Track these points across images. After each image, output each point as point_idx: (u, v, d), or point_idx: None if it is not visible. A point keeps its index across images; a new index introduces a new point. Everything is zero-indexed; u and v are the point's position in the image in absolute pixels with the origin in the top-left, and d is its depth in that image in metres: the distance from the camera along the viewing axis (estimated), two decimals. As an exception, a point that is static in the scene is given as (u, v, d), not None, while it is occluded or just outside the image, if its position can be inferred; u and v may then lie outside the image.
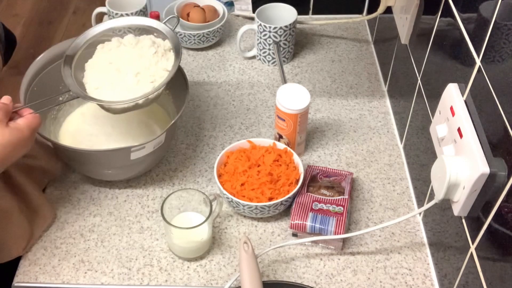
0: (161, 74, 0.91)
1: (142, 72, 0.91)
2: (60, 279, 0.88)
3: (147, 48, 0.92)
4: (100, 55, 0.94)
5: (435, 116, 0.82)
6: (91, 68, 0.93)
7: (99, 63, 0.94)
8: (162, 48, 0.93)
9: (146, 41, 0.93)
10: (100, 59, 0.94)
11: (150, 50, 0.92)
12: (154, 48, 0.92)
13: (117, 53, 0.94)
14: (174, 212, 0.91)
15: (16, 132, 0.76)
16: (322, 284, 0.88)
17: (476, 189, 0.69)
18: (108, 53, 0.94)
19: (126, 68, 0.91)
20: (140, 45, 0.94)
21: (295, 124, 1.00)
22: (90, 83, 0.91)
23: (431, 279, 0.89)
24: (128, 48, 0.94)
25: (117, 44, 0.95)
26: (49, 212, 0.94)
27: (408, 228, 0.96)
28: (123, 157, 0.92)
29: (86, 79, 0.92)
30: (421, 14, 0.97)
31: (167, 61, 0.92)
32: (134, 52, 0.93)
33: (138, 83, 0.90)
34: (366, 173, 1.05)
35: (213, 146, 1.09)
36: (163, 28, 0.95)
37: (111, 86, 0.90)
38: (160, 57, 0.92)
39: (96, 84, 0.91)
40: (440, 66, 0.86)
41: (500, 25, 0.65)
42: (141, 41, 0.94)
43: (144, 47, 0.93)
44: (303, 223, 0.90)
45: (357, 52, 1.31)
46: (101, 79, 0.91)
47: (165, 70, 0.91)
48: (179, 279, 0.89)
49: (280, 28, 1.19)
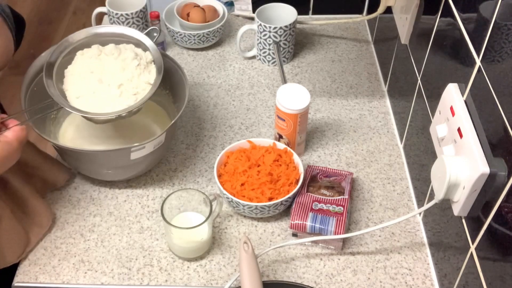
0: (143, 86, 0.91)
1: (125, 84, 0.91)
2: (60, 279, 0.88)
3: (130, 60, 0.93)
4: (80, 62, 0.94)
5: (435, 116, 0.82)
6: (71, 75, 0.93)
7: (79, 70, 0.93)
8: (144, 60, 0.94)
9: (128, 53, 0.94)
10: (80, 67, 0.94)
11: (133, 62, 0.92)
12: (137, 60, 0.93)
13: (99, 62, 0.93)
14: (174, 212, 0.91)
15: (6, 146, 0.76)
16: (322, 284, 0.88)
17: (476, 189, 0.69)
18: (88, 61, 0.94)
19: (108, 79, 0.92)
20: (123, 56, 0.94)
21: (295, 124, 1.00)
22: (70, 91, 0.91)
23: (431, 279, 0.89)
24: (110, 58, 0.94)
25: (98, 52, 0.94)
26: (47, 219, 0.93)
27: (408, 228, 0.96)
28: (123, 157, 0.92)
29: (66, 86, 0.92)
30: (421, 14, 0.97)
31: (149, 73, 0.93)
32: (116, 64, 0.93)
33: (121, 95, 0.90)
34: (366, 173, 1.05)
35: (213, 146, 1.09)
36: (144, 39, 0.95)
37: (93, 96, 0.90)
38: (142, 70, 0.93)
39: (77, 93, 0.91)
40: (440, 66, 0.86)
41: (500, 25, 0.65)
42: (123, 52, 0.94)
43: (127, 59, 0.93)
44: (303, 223, 0.90)
45: (357, 52, 1.31)
46: (82, 88, 0.91)
47: (147, 83, 0.92)
48: (179, 279, 0.89)
49: (280, 28, 1.19)
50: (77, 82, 0.92)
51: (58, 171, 0.99)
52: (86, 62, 0.94)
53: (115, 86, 0.91)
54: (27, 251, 0.91)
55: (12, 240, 0.88)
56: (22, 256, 0.90)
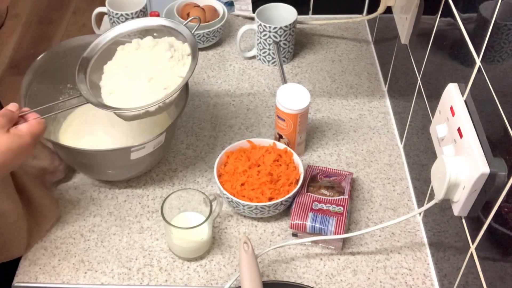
0: (175, 80, 0.87)
1: (155, 78, 0.87)
2: (60, 279, 0.88)
3: (163, 52, 0.88)
4: (120, 57, 0.91)
5: (435, 116, 0.82)
6: (109, 71, 0.90)
7: (117, 65, 0.90)
8: (179, 52, 0.89)
9: (163, 45, 0.89)
10: (118, 62, 0.90)
11: (166, 54, 0.88)
12: (170, 52, 0.88)
13: (135, 56, 0.90)
14: (174, 212, 0.91)
15: (17, 139, 0.74)
16: (322, 284, 0.88)
17: (476, 189, 0.69)
18: (126, 55, 0.91)
19: (140, 73, 0.88)
20: (157, 48, 0.89)
21: (295, 124, 1.00)
22: (106, 86, 0.88)
23: (431, 279, 0.89)
24: (145, 51, 0.90)
25: (136, 46, 0.91)
26: (53, 212, 0.94)
27: (408, 228, 0.96)
28: (123, 157, 0.92)
29: (103, 82, 0.89)
30: (421, 14, 0.97)
31: (183, 66, 0.88)
32: (149, 56, 0.89)
33: (151, 89, 0.86)
34: (366, 173, 1.05)
35: (213, 146, 1.09)
36: (183, 31, 0.90)
37: (123, 92, 0.87)
38: (176, 62, 0.88)
39: (111, 88, 0.88)
40: (440, 66, 0.86)
41: (500, 25, 0.65)
42: (159, 44, 0.90)
43: (161, 51, 0.89)
44: (303, 223, 0.90)
45: (357, 52, 1.31)
46: (116, 83, 0.88)
47: (179, 77, 0.87)
48: (179, 279, 0.89)
49: (280, 28, 1.19)
50: (113, 77, 0.89)
51: (59, 161, 0.99)
52: (125, 56, 0.91)
53: (146, 80, 0.87)
54: (33, 244, 0.91)
55: (19, 233, 0.88)
56: (28, 249, 0.90)
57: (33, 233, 0.91)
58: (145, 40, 0.91)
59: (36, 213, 0.91)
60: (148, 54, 0.89)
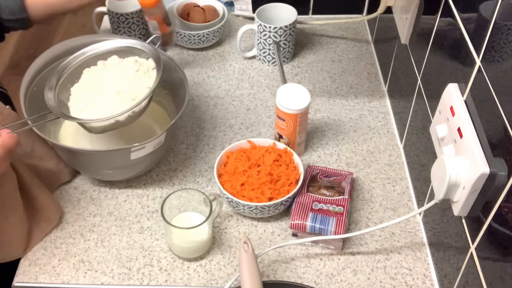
0: (143, 91, 0.90)
1: (123, 90, 0.91)
2: (60, 279, 0.88)
3: (130, 66, 0.92)
4: (86, 78, 0.95)
5: (435, 116, 0.82)
6: (76, 92, 0.93)
7: (84, 86, 0.94)
8: (145, 66, 0.93)
9: (129, 60, 0.94)
10: (85, 82, 0.94)
11: (132, 68, 0.92)
12: (136, 66, 0.92)
13: (101, 75, 0.94)
14: (174, 212, 0.91)
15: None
16: (322, 284, 0.88)
17: (476, 189, 0.69)
18: (92, 76, 0.94)
19: (108, 88, 0.91)
20: (123, 64, 0.94)
21: (295, 124, 1.00)
22: (74, 106, 0.92)
23: (431, 279, 0.89)
24: (111, 68, 0.94)
25: (102, 66, 0.95)
26: (54, 214, 0.94)
27: (408, 228, 0.96)
28: (123, 157, 0.92)
29: (71, 103, 0.92)
30: (421, 14, 0.97)
31: (149, 78, 0.92)
32: (116, 72, 0.93)
33: (120, 101, 0.90)
34: (366, 173, 1.05)
35: (213, 146, 1.09)
36: (146, 48, 0.95)
37: (93, 106, 0.90)
38: (142, 75, 0.92)
39: (80, 106, 0.91)
40: (440, 66, 0.86)
41: (500, 25, 0.65)
42: (124, 61, 0.95)
43: (127, 65, 0.93)
44: (303, 223, 0.90)
45: (357, 52, 1.31)
46: (85, 101, 0.91)
47: (146, 88, 0.91)
48: (179, 279, 0.89)
49: (280, 28, 1.19)
50: (80, 96, 0.92)
51: (64, 165, 0.99)
52: (91, 77, 0.94)
53: (114, 93, 0.90)
54: (32, 245, 0.91)
55: (19, 234, 0.88)
56: (27, 250, 0.91)
57: (33, 235, 0.91)
58: (110, 59, 0.95)
59: (37, 215, 0.91)
60: (115, 70, 0.93)
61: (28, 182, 0.89)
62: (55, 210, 0.94)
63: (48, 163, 0.96)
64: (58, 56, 1.02)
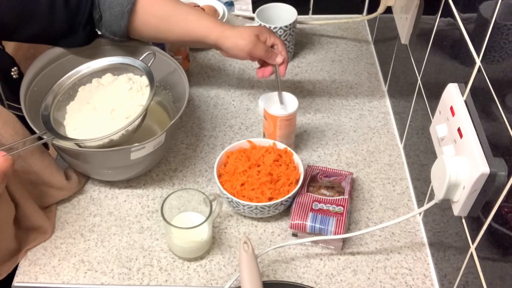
0: (136, 109, 0.91)
1: (117, 109, 0.92)
2: (60, 279, 0.88)
3: (123, 84, 0.93)
4: (81, 97, 0.96)
5: (435, 116, 0.82)
6: (72, 110, 0.94)
7: (79, 104, 0.95)
8: (138, 84, 0.94)
9: (122, 78, 0.95)
10: (80, 101, 0.95)
11: (126, 86, 0.93)
12: (129, 84, 0.93)
13: (95, 93, 0.95)
14: (174, 212, 0.91)
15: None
16: (322, 284, 0.88)
17: (476, 189, 0.69)
18: (87, 94, 0.95)
19: (102, 106, 0.92)
20: (116, 82, 0.95)
21: (274, 127, 1.00)
22: (69, 125, 0.93)
23: (431, 279, 0.89)
24: (105, 86, 0.95)
25: (96, 84, 0.96)
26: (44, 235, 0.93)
27: (408, 228, 0.96)
28: (123, 157, 0.92)
29: (66, 121, 0.93)
30: (421, 14, 0.97)
31: (142, 96, 0.93)
32: (110, 90, 0.94)
33: (114, 120, 0.91)
34: (366, 173, 1.05)
35: (213, 146, 1.09)
36: (139, 65, 0.96)
37: (87, 125, 0.91)
38: (135, 93, 0.93)
39: (75, 125, 0.92)
40: (440, 66, 0.86)
41: (500, 25, 0.65)
42: (118, 79, 0.96)
43: (120, 84, 0.94)
44: (303, 223, 0.90)
45: (357, 52, 1.31)
46: (80, 120, 0.92)
47: (140, 106, 0.92)
48: (179, 279, 0.89)
49: (280, 28, 1.19)
50: (76, 115, 0.93)
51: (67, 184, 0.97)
52: (86, 95, 0.95)
53: (108, 111, 0.91)
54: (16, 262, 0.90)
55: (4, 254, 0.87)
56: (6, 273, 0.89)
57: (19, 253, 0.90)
58: (104, 77, 0.97)
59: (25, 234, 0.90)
60: (109, 89, 0.95)
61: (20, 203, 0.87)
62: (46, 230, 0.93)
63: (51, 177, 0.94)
64: (58, 56, 1.02)
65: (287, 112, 0.99)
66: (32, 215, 0.90)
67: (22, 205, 0.88)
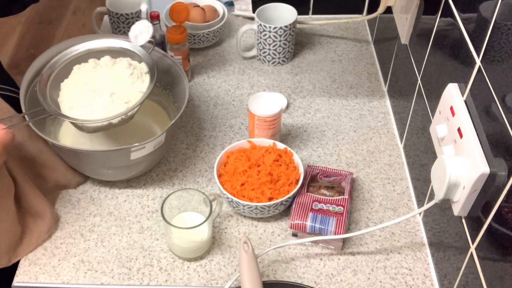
0: (136, 95, 0.91)
1: (117, 93, 0.91)
2: (60, 279, 0.88)
3: (124, 69, 0.93)
4: (76, 76, 0.95)
5: (435, 116, 0.82)
6: (66, 88, 0.94)
7: (74, 83, 0.94)
8: (138, 70, 0.94)
9: (122, 63, 0.94)
10: (75, 79, 0.95)
11: (127, 71, 0.93)
12: (130, 69, 0.93)
13: (93, 74, 0.94)
14: (174, 212, 0.91)
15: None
16: (322, 284, 0.88)
17: (476, 189, 0.69)
18: (84, 74, 0.95)
19: (101, 88, 0.92)
20: (117, 66, 0.94)
21: (252, 124, 1.00)
22: (64, 102, 0.92)
23: (431, 279, 0.89)
24: (104, 69, 0.94)
25: (93, 65, 0.96)
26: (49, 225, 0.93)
27: (408, 228, 0.96)
28: (123, 157, 0.92)
29: (61, 98, 0.93)
30: (421, 14, 0.97)
31: (142, 83, 0.93)
32: (110, 73, 0.94)
33: (113, 103, 0.90)
34: (366, 173, 1.05)
35: (213, 146, 1.09)
36: (139, 51, 0.96)
37: (85, 105, 0.91)
38: (136, 79, 0.93)
39: (71, 103, 0.91)
40: (440, 66, 0.86)
41: (500, 25, 0.65)
42: (117, 63, 0.95)
43: (121, 68, 0.94)
44: (303, 223, 0.90)
45: (357, 52, 1.31)
46: (76, 98, 0.92)
47: (140, 92, 0.92)
48: (179, 279, 0.89)
49: (280, 28, 1.19)
50: (71, 93, 0.93)
51: (72, 175, 0.99)
52: (81, 75, 0.95)
53: (108, 94, 0.91)
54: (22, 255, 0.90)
55: (6, 242, 0.87)
56: (14, 260, 0.89)
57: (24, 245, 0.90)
58: (103, 59, 0.96)
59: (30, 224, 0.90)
60: (108, 71, 0.94)
61: (24, 191, 0.88)
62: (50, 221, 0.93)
63: (56, 173, 0.96)
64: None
65: (266, 113, 0.99)
66: (30, 194, 0.90)
67: (20, 184, 0.88)
